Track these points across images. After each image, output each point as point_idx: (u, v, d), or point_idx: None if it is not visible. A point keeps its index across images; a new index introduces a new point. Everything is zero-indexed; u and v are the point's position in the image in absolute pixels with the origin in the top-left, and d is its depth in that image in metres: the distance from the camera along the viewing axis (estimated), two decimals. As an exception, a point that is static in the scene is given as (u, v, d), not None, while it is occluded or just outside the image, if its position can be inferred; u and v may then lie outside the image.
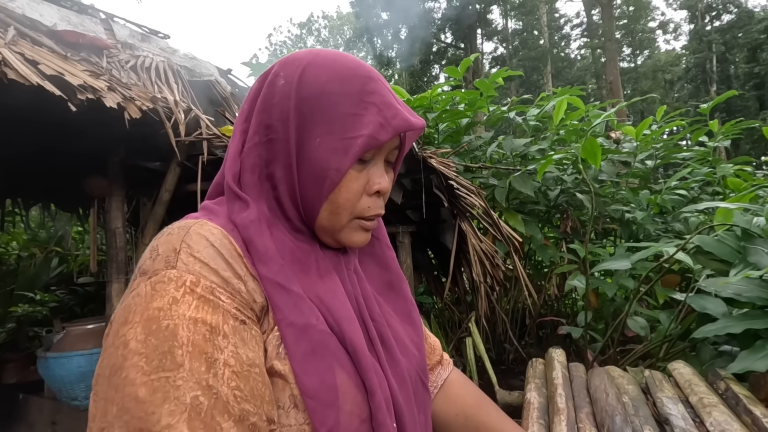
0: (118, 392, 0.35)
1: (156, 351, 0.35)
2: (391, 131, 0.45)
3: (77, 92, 1.32)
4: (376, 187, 0.47)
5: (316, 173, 0.45)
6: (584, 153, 1.90)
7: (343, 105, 0.44)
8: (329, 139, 0.44)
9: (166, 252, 0.40)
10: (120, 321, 0.37)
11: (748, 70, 18.02)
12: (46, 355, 2.11)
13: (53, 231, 4.48)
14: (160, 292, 0.37)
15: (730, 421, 0.92)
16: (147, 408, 0.34)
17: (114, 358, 0.36)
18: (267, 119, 0.46)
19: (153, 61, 2.00)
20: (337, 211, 0.46)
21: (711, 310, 1.38)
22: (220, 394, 0.35)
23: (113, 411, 0.35)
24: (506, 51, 21.35)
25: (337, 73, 0.45)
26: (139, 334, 0.36)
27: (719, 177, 2.88)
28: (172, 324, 0.36)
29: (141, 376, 0.34)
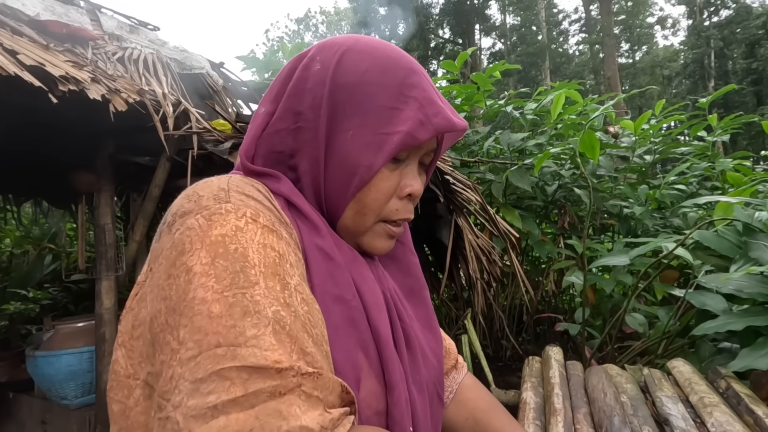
0: (185, 315, 0.31)
1: (227, 271, 0.32)
2: (431, 130, 0.41)
3: (58, 83, 1.28)
4: (408, 190, 0.44)
5: (345, 168, 0.41)
6: (582, 147, 1.87)
7: (381, 97, 0.41)
8: (363, 132, 0.41)
9: (212, 192, 0.37)
10: (172, 256, 0.34)
11: (746, 65, 18.00)
12: (34, 353, 2.07)
13: (46, 228, 4.43)
14: (220, 221, 0.34)
15: (732, 422, 0.89)
16: (225, 322, 0.30)
17: (173, 288, 0.33)
18: (297, 105, 0.42)
19: (141, 53, 1.94)
20: (363, 211, 0.43)
21: (711, 306, 1.35)
22: (299, 313, 0.33)
23: (179, 336, 0.31)
24: (504, 46, 21.28)
25: (377, 62, 0.42)
26: (204, 258, 0.33)
27: (718, 172, 2.86)
28: (241, 247, 0.33)
29: (212, 294, 0.31)
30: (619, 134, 2.81)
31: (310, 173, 0.42)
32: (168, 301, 0.33)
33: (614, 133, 2.75)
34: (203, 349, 0.29)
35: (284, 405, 0.29)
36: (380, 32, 19.27)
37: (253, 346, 0.29)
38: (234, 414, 0.28)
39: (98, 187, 2.01)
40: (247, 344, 0.29)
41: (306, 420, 0.28)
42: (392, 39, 19.36)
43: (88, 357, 2.06)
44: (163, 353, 0.32)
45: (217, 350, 0.29)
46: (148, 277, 0.36)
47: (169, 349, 0.31)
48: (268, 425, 0.27)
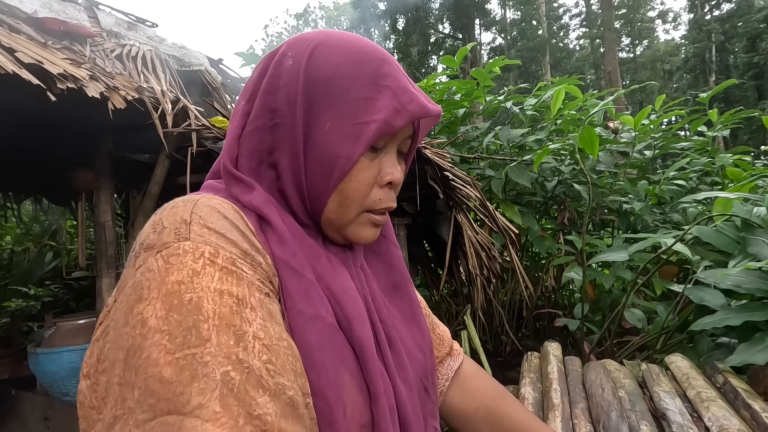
0: (139, 375, 0.31)
1: (179, 327, 0.32)
2: (406, 117, 0.42)
3: (57, 81, 1.28)
4: (388, 178, 0.44)
5: (324, 161, 0.41)
6: (581, 143, 1.87)
7: (355, 88, 0.41)
8: (340, 124, 0.41)
9: (174, 224, 0.36)
10: (132, 299, 0.34)
11: (747, 59, 17.92)
12: (36, 350, 2.09)
13: (47, 225, 4.44)
14: (177, 265, 0.34)
15: (728, 416, 0.90)
16: (174, 388, 0.30)
17: (130, 339, 0.32)
18: (272, 102, 0.42)
19: (140, 50, 1.94)
20: (345, 203, 0.43)
21: (709, 301, 1.35)
22: (252, 367, 0.32)
23: (134, 395, 0.31)
24: (504, 41, 21.18)
25: (349, 55, 0.42)
26: (159, 310, 0.32)
27: (718, 167, 2.85)
28: (195, 297, 0.33)
29: (165, 355, 0.31)
30: (619, 130, 2.81)
31: (290, 169, 0.42)
32: (124, 352, 0.33)
33: (614, 129, 2.75)
34: (156, 415, 0.30)
35: None
36: (379, 27, 19.18)
37: (196, 416, 0.30)
38: None
39: (98, 184, 2.01)
40: (192, 414, 0.30)
41: None
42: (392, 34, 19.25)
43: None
44: (119, 408, 0.32)
45: (168, 418, 0.30)
46: (112, 309, 0.36)
47: (126, 406, 0.32)
48: None
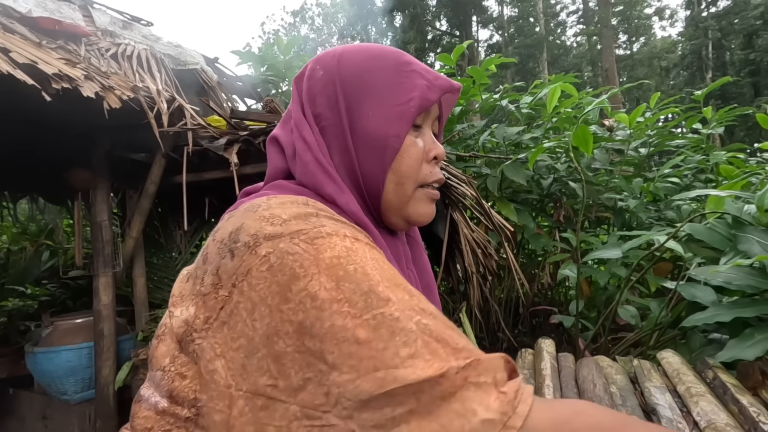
0: (327, 342, 0.33)
1: (355, 293, 0.34)
2: (437, 90, 0.47)
3: (52, 81, 1.28)
4: (433, 153, 0.49)
5: (375, 145, 0.45)
6: (575, 141, 1.88)
7: (386, 77, 0.46)
8: (382, 109, 0.45)
9: (299, 216, 0.39)
10: (282, 280, 0.35)
11: (743, 56, 17.97)
12: (34, 350, 2.09)
13: (43, 224, 4.43)
14: (326, 245, 0.36)
15: (716, 411, 0.92)
16: (375, 346, 0.32)
17: (300, 313, 0.34)
18: (314, 109, 0.47)
19: (135, 49, 1.94)
20: (401, 180, 0.47)
21: (701, 298, 1.37)
22: (433, 312, 0.35)
23: (327, 359, 0.33)
24: (502, 38, 21.16)
25: (372, 53, 0.48)
26: (326, 283, 0.35)
27: (712, 164, 2.87)
28: (359, 267, 0.36)
29: (351, 319, 0.33)
30: (614, 127, 2.82)
31: (343, 164, 0.46)
32: (296, 325, 0.34)
33: (609, 127, 2.76)
34: (361, 374, 0.32)
35: (459, 404, 0.31)
36: (377, 24, 19.13)
37: (410, 366, 0.31)
38: (415, 422, 0.30)
39: (94, 184, 2.02)
40: (404, 365, 0.31)
41: (484, 413, 0.30)
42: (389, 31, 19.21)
43: (87, 353, 2.08)
44: (307, 372, 0.34)
45: (377, 374, 0.31)
46: (234, 293, 0.37)
47: (315, 369, 0.33)
48: (451, 427, 0.30)
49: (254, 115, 1.94)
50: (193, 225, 2.77)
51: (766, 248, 1.18)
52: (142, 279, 2.26)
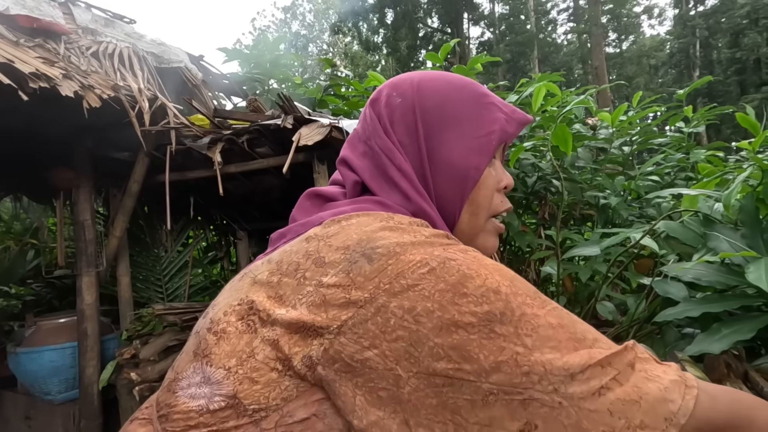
0: (522, 327, 0.37)
1: (530, 291, 0.40)
2: (515, 124, 0.49)
3: (29, 80, 1.27)
4: (504, 182, 0.52)
5: (455, 176, 0.47)
6: (555, 140, 1.91)
7: (467, 108, 0.48)
8: (463, 141, 0.47)
9: (436, 234, 0.43)
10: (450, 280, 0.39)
11: (730, 55, 18.22)
12: (16, 350, 2.08)
13: (28, 223, 4.38)
14: (478, 255, 0.41)
15: (680, 403, 0.95)
16: (568, 329, 0.38)
17: (486, 305, 0.38)
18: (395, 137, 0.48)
19: (116, 47, 1.92)
20: (476, 211, 0.49)
21: (673, 294, 1.41)
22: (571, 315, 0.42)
23: (526, 342, 0.37)
24: (493, 36, 21.23)
25: (451, 84, 0.49)
26: (502, 281, 0.39)
27: (692, 162, 2.93)
28: (512, 274, 0.41)
29: (538, 309, 0.38)
30: (598, 126, 2.86)
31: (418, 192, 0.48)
32: (479, 315, 0.38)
33: (592, 125, 2.80)
34: (565, 353, 0.37)
35: (642, 372, 0.36)
36: (368, 21, 19.07)
37: (599, 347, 0.38)
38: (618, 389, 0.35)
39: (77, 183, 2.00)
40: (595, 345, 0.38)
41: (668, 374, 0.37)
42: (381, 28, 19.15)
43: (71, 352, 2.07)
44: (500, 355, 0.37)
45: (579, 351, 0.37)
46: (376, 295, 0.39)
47: (511, 352, 0.37)
48: (650, 390, 0.35)
49: (238, 114, 1.93)
50: (179, 223, 2.76)
51: (733, 245, 1.22)
52: (127, 278, 2.25)
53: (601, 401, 0.35)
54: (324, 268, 0.41)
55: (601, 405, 0.35)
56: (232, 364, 0.41)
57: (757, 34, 17.15)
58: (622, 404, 0.35)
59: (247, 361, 0.40)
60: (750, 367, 1.11)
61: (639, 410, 0.35)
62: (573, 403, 0.36)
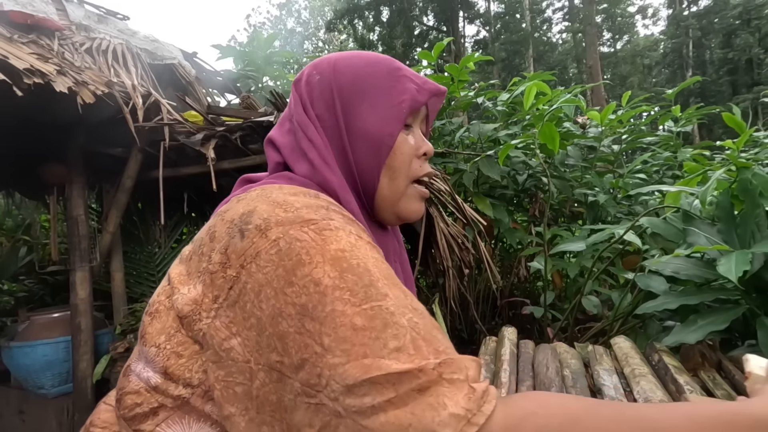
0: (326, 325, 0.35)
1: (357, 284, 0.37)
2: (426, 93, 0.52)
3: (24, 76, 1.29)
4: (423, 149, 0.54)
5: (371, 144, 0.50)
6: (542, 138, 1.95)
7: (380, 81, 0.51)
8: (376, 111, 0.50)
9: (310, 207, 0.41)
10: (288, 264, 0.38)
11: (722, 55, 18.38)
12: (10, 344, 2.09)
13: (20, 219, 4.36)
14: (333, 237, 0.39)
15: (654, 389, 0.99)
16: (369, 334, 0.35)
17: (303, 296, 0.37)
18: (315, 112, 0.51)
19: (110, 43, 1.93)
20: (395, 175, 0.51)
21: (654, 288, 1.45)
22: (425, 313, 0.38)
23: (323, 342, 0.35)
24: (488, 34, 21.26)
25: (365, 60, 0.53)
26: (330, 272, 0.37)
27: (680, 161, 2.98)
28: (362, 262, 0.38)
29: (351, 307, 0.36)
30: (587, 125, 2.91)
31: (340, 163, 0.50)
32: (298, 307, 0.37)
33: (582, 124, 2.84)
34: (351, 359, 0.34)
35: (433, 398, 0.33)
36: (364, 19, 19.04)
37: (395, 358, 0.34)
38: (392, 411, 0.33)
39: (69, 178, 2.01)
40: (390, 356, 0.34)
41: (453, 408, 0.33)
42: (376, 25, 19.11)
43: (64, 347, 2.09)
44: (304, 352, 0.36)
45: (365, 360, 0.34)
46: (242, 274, 0.39)
47: (311, 351, 0.35)
48: (423, 419, 0.32)
49: (231, 111, 1.95)
50: (173, 219, 2.78)
51: (710, 240, 1.26)
52: (120, 274, 2.26)
53: (372, 420, 0.33)
54: (214, 243, 0.42)
55: (372, 423, 0.33)
56: (161, 340, 0.42)
57: (749, 34, 17.32)
58: (392, 428, 0.33)
59: (174, 336, 0.42)
60: (723, 357, 1.16)
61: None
62: (350, 415, 0.34)
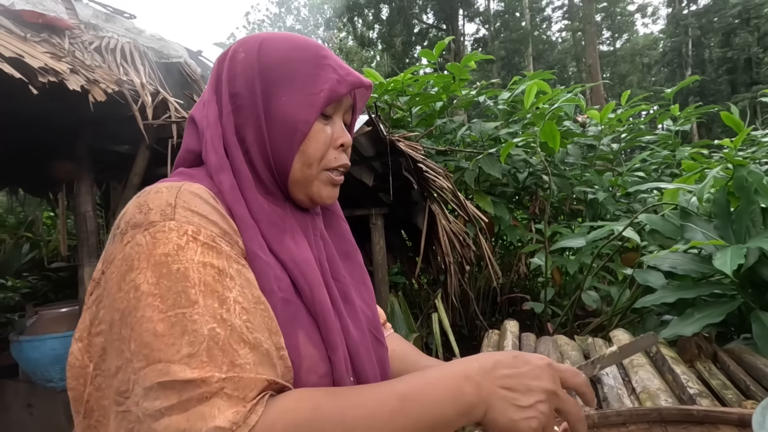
0: (135, 330, 0.37)
1: (170, 291, 0.38)
2: (347, 85, 0.51)
3: (38, 75, 1.32)
4: (340, 141, 0.53)
5: (286, 128, 0.50)
6: (543, 136, 1.98)
7: (303, 68, 0.50)
8: (295, 96, 0.50)
9: (160, 206, 0.42)
10: (123, 270, 0.40)
11: (721, 54, 18.40)
12: (19, 338, 2.12)
13: (22, 216, 4.38)
14: (163, 240, 0.40)
15: (652, 378, 1.03)
16: (166, 340, 0.36)
17: (124, 302, 0.39)
18: (233, 89, 0.51)
19: (118, 42, 1.96)
20: (308, 161, 0.51)
21: (652, 282, 1.49)
22: (234, 325, 0.39)
23: (131, 347, 0.37)
24: (488, 33, 21.26)
25: (293, 43, 0.52)
26: (150, 278, 0.38)
27: (678, 159, 3.02)
28: (182, 267, 0.39)
29: (158, 313, 0.37)
30: (587, 123, 2.95)
31: (256, 142, 0.50)
32: (119, 313, 0.39)
33: (582, 123, 2.88)
34: (149, 363, 0.36)
35: (208, 408, 0.35)
36: (363, 16, 19.02)
37: (185, 364, 0.36)
38: (174, 416, 0.35)
39: (78, 175, 2.04)
40: (181, 362, 0.36)
41: (220, 420, 0.35)
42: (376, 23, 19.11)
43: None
44: (119, 359, 0.38)
45: (158, 365, 0.36)
46: (102, 279, 0.42)
47: (124, 357, 0.38)
48: (194, 426, 0.35)
49: (237, 109, 1.98)
50: (178, 216, 2.80)
51: (706, 235, 1.30)
52: (127, 269, 2.29)
53: (159, 423, 0.35)
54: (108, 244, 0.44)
55: (158, 426, 0.35)
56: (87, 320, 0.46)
57: (749, 33, 17.35)
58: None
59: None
60: (719, 349, 1.20)
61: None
62: (145, 418, 0.36)
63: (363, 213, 2.43)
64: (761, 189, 1.20)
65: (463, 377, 0.41)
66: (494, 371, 0.41)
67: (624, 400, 0.98)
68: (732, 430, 0.70)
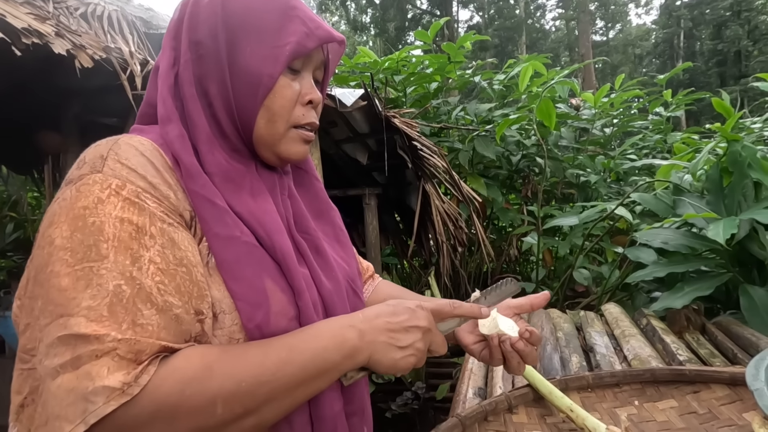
0: (43, 287, 0.37)
1: (81, 245, 0.37)
2: (315, 40, 0.48)
3: (21, 36, 1.27)
4: (308, 97, 0.50)
5: (249, 81, 0.47)
6: (539, 114, 1.98)
7: (270, 18, 0.47)
8: (260, 48, 0.47)
9: (93, 160, 0.41)
10: (44, 225, 0.39)
11: (712, 46, 18.53)
12: (5, 314, 2.09)
13: (6, 196, 4.28)
14: (85, 193, 0.39)
15: (643, 347, 1.05)
16: (69, 294, 0.35)
17: (40, 258, 0.38)
18: (195, 36, 0.48)
19: (105, 9, 1.89)
20: (273, 118, 0.48)
21: (643, 258, 1.51)
22: (144, 285, 0.37)
23: (38, 305, 0.37)
24: (482, 19, 21.08)
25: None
26: (65, 231, 0.37)
27: (670, 144, 3.05)
28: (98, 221, 0.38)
29: (65, 267, 0.36)
30: (581, 106, 2.95)
31: (219, 95, 0.47)
32: (35, 270, 0.38)
33: (575, 105, 2.88)
34: (53, 319, 0.35)
35: (96, 367, 0.34)
36: (356, 1, 18.70)
37: (83, 316, 0.35)
38: (66, 374, 0.34)
39: (65, 147, 1.99)
40: (79, 314, 0.35)
41: (110, 380, 0.34)
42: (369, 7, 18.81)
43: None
44: (29, 317, 0.38)
45: (59, 320, 0.35)
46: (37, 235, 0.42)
47: (33, 315, 0.37)
48: (81, 385, 0.34)
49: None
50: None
51: (698, 210, 1.32)
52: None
53: (53, 383, 0.34)
54: None
55: (53, 385, 0.34)
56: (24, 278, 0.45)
57: (739, 26, 17.47)
58: (63, 392, 0.34)
59: None
60: (707, 321, 1.22)
61: (66, 400, 0.34)
62: (45, 377, 0.35)
63: (356, 193, 2.41)
64: (755, 163, 1.22)
65: (348, 326, 0.44)
66: (376, 319, 0.44)
67: (616, 366, 0.99)
68: (723, 388, 0.71)
